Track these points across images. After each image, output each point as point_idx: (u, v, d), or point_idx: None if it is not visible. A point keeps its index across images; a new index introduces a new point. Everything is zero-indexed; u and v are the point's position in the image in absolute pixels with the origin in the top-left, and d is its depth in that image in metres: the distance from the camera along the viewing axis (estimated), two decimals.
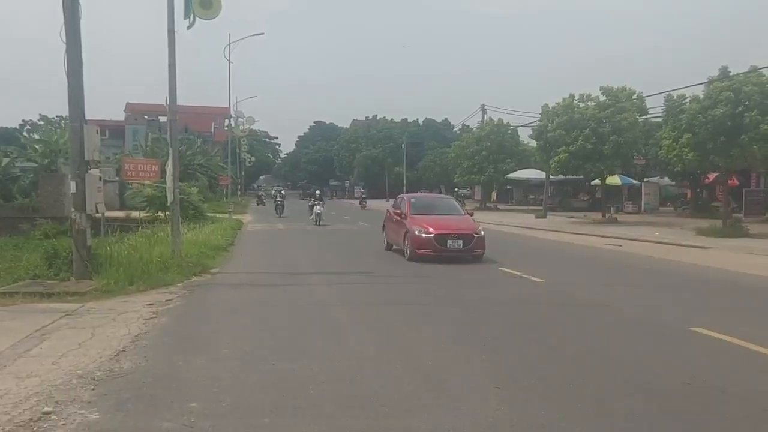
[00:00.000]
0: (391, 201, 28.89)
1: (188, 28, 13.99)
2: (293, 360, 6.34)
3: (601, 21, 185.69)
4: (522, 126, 46.46)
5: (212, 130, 78.76)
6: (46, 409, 4.83)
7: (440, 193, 78.67)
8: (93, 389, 5.35)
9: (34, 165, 32.23)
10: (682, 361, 6.37)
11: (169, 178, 14.12)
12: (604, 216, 31.87)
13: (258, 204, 55.34)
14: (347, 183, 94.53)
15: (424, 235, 14.75)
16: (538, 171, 43.00)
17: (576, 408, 4.93)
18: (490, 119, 49.90)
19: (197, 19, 13.93)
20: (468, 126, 59.86)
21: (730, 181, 27.52)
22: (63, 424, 4.59)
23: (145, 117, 70.17)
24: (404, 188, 71.22)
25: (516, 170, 46.94)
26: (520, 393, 5.30)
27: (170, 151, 14.50)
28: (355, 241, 21.85)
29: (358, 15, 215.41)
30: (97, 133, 11.71)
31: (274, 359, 6.36)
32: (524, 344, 7.07)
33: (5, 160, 32.20)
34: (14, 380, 5.54)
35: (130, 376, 5.76)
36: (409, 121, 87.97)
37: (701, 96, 23.51)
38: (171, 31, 13.74)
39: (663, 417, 4.78)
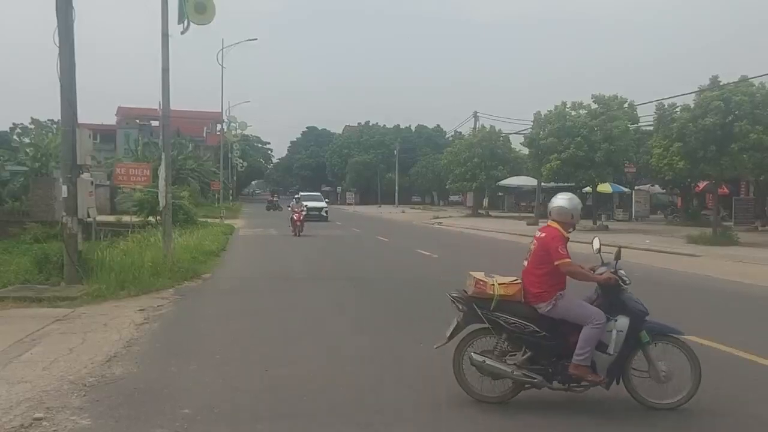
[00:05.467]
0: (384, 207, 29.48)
1: (182, 33, 13.96)
2: (286, 366, 6.33)
3: (596, 29, 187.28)
4: (514, 133, 46.66)
5: (204, 135, 78.47)
6: (37, 415, 4.80)
7: (432, 199, 79.60)
8: (84, 395, 5.32)
9: (25, 168, 31.98)
10: None
11: (161, 182, 14.06)
12: (594, 223, 31.96)
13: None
14: (339, 189, 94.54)
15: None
16: (530, 178, 43.14)
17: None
18: (483, 126, 50.01)
19: (191, 24, 13.90)
20: (460, 133, 60.00)
21: (720, 190, 27.76)
22: (54, 430, 4.56)
23: (137, 121, 69.88)
24: (396, 194, 71.46)
25: (508, 177, 47.13)
26: None
27: (162, 156, 14.42)
28: None
29: (351, 21, 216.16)
30: (90, 137, 11.65)
31: (267, 365, 6.35)
32: None
33: None
34: (5, 386, 5.50)
35: (121, 381, 5.73)
36: (401, 127, 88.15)
37: (692, 105, 23.73)
38: (165, 36, 13.74)
39: (659, 422, 4.85)
